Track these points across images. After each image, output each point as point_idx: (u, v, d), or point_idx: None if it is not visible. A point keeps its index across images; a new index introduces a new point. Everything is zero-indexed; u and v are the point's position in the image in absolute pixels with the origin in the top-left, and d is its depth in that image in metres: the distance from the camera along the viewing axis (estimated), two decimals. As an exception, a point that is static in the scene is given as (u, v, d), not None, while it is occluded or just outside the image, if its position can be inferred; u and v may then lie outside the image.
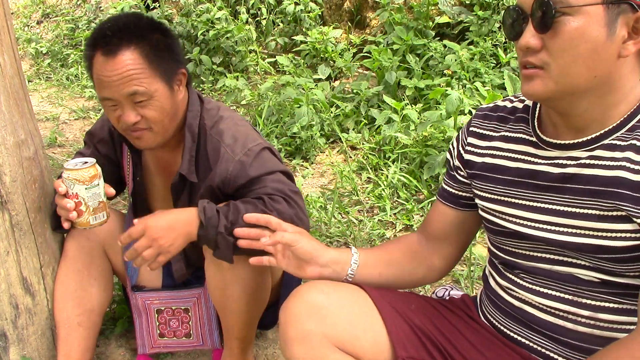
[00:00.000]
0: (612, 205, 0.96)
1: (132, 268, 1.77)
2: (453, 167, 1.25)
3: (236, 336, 1.63)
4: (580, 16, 0.89)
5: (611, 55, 0.92)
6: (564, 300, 1.05)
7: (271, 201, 1.45)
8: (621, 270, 0.98)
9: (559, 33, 0.91)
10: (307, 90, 3.83)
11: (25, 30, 7.11)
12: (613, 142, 0.97)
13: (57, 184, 1.42)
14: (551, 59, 0.93)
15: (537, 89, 0.96)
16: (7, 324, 1.57)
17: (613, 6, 0.89)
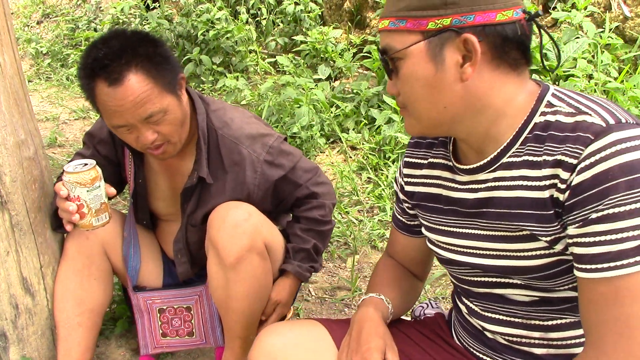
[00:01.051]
0: (516, 226, 0.96)
1: (133, 268, 1.77)
2: (400, 199, 1.26)
3: (238, 335, 1.63)
4: (407, 58, 0.93)
5: (451, 84, 0.92)
6: (514, 324, 1.06)
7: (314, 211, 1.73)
8: (552, 285, 0.98)
9: (400, 78, 0.96)
10: (307, 90, 3.83)
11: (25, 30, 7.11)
12: (510, 159, 0.97)
13: (58, 188, 1.41)
14: (405, 100, 0.98)
15: (409, 128, 1.02)
16: (7, 324, 1.57)
17: (434, 39, 0.90)
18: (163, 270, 1.85)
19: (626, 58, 3.85)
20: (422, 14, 0.90)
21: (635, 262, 0.82)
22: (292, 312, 2.10)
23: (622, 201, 0.82)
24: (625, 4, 4.10)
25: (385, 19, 0.95)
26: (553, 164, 0.90)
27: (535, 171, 0.93)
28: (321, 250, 1.76)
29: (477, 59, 0.90)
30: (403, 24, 0.92)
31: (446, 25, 0.89)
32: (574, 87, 3.32)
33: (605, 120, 0.87)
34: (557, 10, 4.29)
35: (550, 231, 0.92)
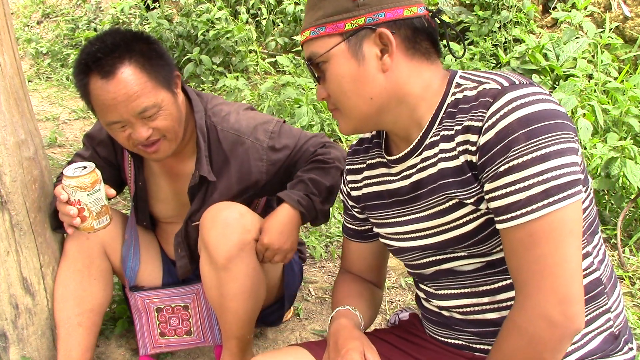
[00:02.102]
0: (444, 196, 1.04)
1: (131, 270, 1.77)
2: (349, 207, 1.32)
3: (235, 335, 1.63)
4: (331, 60, 1.02)
5: (374, 76, 1.02)
6: (464, 295, 1.12)
7: (324, 153, 1.62)
8: (489, 248, 1.04)
9: (326, 81, 1.05)
10: (307, 90, 3.83)
11: (25, 30, 7.10)
12: (432, 139, 1.06)
13: (58, 192, 1.40)
14: (335, 101, 1.07)
15: (343, 127, 1.09)
16: (7, 324, 1.57)
17: (353, 38, 1.01)
18: (163, 270, 1.85)
19: (626, 58, 3.85)
20: (337, 18, 1.00)
21: (543, 205, 0.89)
22: (292, 312, 2.10)
23: (524, 151, 0.90)
24: (625, 4, 4.10)
25: (306, 30, 1.04)
26: (462, 131, 0.99)
27: (450, 143, 1.02)
28: (324, 186, 1.58)
29: (393, 49, 1.00)
30: (323, 30, 1.02)
31: (361, 24, 1.00)
32: (574, 87, 3.32)
33: (500, 83, 0.98)
34: (557, 10, 4.29)
35: (472, 193, 1.00)
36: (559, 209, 0.89)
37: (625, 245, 2.49)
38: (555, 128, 0.90)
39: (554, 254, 0.89)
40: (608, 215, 2.68)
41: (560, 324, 0.89)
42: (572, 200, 0.89)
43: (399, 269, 2.41)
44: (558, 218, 0.89)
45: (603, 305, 1.06)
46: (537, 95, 0.93)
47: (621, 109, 3.08)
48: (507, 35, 4.20)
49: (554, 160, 0.89)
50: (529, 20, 4.28)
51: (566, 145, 0.90)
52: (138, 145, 1.48)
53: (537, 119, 0.90)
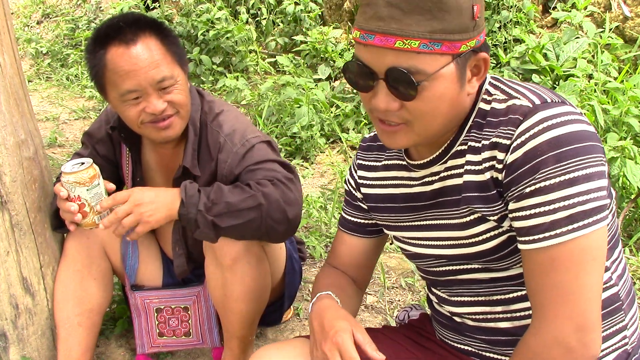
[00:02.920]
0: (467, 209, 1.02)
1: (131, 268, 1.77)
2: (357, 198, 1.28)
3: (236, 335, 1.63)
4: (436, 81, 0.92)
5: (463, 98, 0.98)
6: (478, 303, 1.10)
7: (258, 185, 1.45)
8: (508, 264, 1.03)
9: (420, 100, 0.93)
10: (307, 90, 3.83)
11: (25, 30, 7.10)
12: (458, 148, 1.03)
13: (57, 189, 1.41)
14: (412, 117, 0.96)
15: (402, 142, 1.01)
16: (7, 324, 1.57)
17: (461, 59, 0.93)
18: (163, 270, 1.85)
19: (626, 58, 3.85)
20: (458, 37, 0.90)
21: (567, 230, 0.88)
22: (292, 312, 2.10)
23: (552, 174, 0.88)
24: (625, 4, 4.10)
25: (413, 40, 0.89)
26: (490, 146, 0.96)
27: (477, 156, 0.99)
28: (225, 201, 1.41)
29: (484, 75, 0.97)
30: (438, 47, 0.90)
31: (472, 47, 0.93)
32: (574, 87, 3.32)
33: (532, 101, 0.94)
34: (557, 10, 4.29)
35: (496, 210, 0.98)
36: (582, 236, 0.87)
37: (625, 246, 2.49)
38: (585, 151, 0.88)
39: (573, 281, 0.88)
40: (608, 215, 2.68)
41: (576, 351, 0.88)
42: (597, 227, 0.88)
43: (399, 269, 2.41)
44: (581, 245, 0.87)
45: (620, 322, 1.04)
46: (568, 116, 0.90)
47: (621, 109, 3.08)
48: (507, 35, 4.20)
49: (582, 185, 0.87)
50: (529, 20, 4.28)
51: (594, 169, 0.88)
52: (148, 121, 1.47)
53: (567, 142, 0.88)
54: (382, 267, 2.34)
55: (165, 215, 1.43)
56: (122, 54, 1.41)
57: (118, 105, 1.48)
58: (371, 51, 0.93)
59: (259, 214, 1.42)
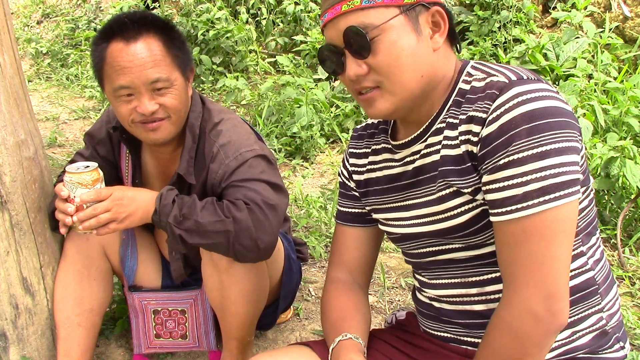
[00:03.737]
0: (443, 183, 1.04)
1: (130, 269, 1.77)
2: (350, 188, 1.30)
3: (235, 337, 1.63)
4: (389, 31, 0.97)
5: (428, 53, 1.01)
6: (454, 285, 1.12)
7: (232, 207, 1.43)
8: (483, 240, 1.04)
9: (378, 53, 0.98)
10: (307, 90, 3.83)
11: (25, 30, 7.10)
12: (438, 126, 1.06)
13: (59, 188, 1.41)
14: (382, 76, 1.00)
15: (382, 107, 1.03)
16: (7, 324, 1.57)
17: (410, 11, 0.98)
18: (162, 272, 1.85)
19: (626, 58, 3.85)
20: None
21: (539, 202, 0.90)
22: (292, 312, 2.10)
23: (525, 146, 0.90)
24: (625, 4, 4.10)
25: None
26: (466, 120, 0.99)
27: (453, 131, 1.02)
28: (195, 219, 1.42)
29: (445, 29, 1.01)
30: (380, 0, 0.97)
31: (418, 0, 0.99)
32: (574, 86, 3.32)
33: (508, 77, 0.97)
34: (557, 10, 4.29)
35: (470, 182, 1.00)
36: (554, 207, 0.89)
37: (625, 245, 2.49)
38: (558, 126, 0.90)
39: (544, 251, 0.90)
40: (608, 215, 2.68)
41: (544, 319, 0.90)
42: (568, 199, 0.90)
43: (399, 269, 2.41)
44: (552, 216, 0.90)
45: (596, 305, 1.07)
46: (544, 92, 0.93)
47: (621, 109, 3.08)
48: (507, 35, 4.20)
49: (554, 158, 0.89)
50: (528, 20, 4.29)
51: (567, 144, 0.91)
52: (138, 121, 1.47)
53: (540, 115, 0.90)
54: (382, 267, 2.34)
55: (140, 217, 1.45)
56: (121, 49, 1.41)
57: (112, 100, 1.49)
58: (329, 28, 1.02)
59: (225, 239, 1.42)
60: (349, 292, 1.26)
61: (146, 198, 1.46)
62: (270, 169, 1.55)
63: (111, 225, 1.42)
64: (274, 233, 1.47)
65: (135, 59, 1.41)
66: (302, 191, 3.09)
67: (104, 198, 1.40)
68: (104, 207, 1.40)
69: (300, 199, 3.01)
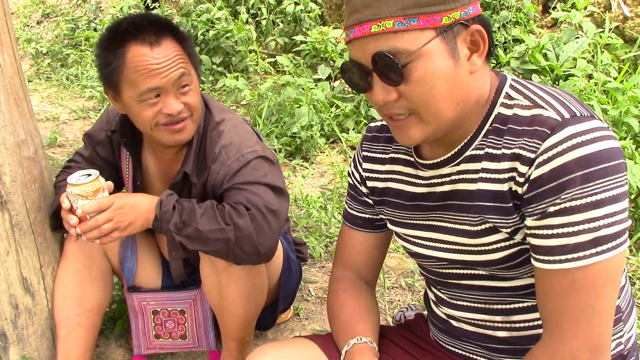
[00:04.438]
0: (479, 218, 0.98)
1: (129, 270, 1.77)
2: (362, 193, 1.22)
3: (234, 337, 1.63)
4: (423, 58, 0.87)
5: (464, 77, 0.91)
6: (478, 310, 1.08)
7: (233, 212, 1.43)
8: (515, 275, 1.00)
9: (411, 81, 0.89)
10: (307, 90, 3.83)
11: (25, 30, 7.10)
12: (473, 152, 0.98)
13: (62, 199, 1.42)
14: (414, 104, 0.91)
15: (415, 136, 0.95)
16: (7, 324, 1.57)
17: (448, 33, 0.88)
18: (162, 272, 1.85)
19: (626, 58, 3.86)
20: (434, 9, 0.86)
21: (591, 254, 0.85)
22: (292, 312, 2.10)
23: (579, 195, 0.84)
24: (625, 4, 4.10)
25: (386, 20, 0.86)
26: (511, 157, 0.92)
27: (495, 164, 0.95)
28: (194, 227, 1.43)
29: (485, 49, 0.91)
30: (415, 22, 0.86)
31: (457, 19, 0.88)
32: (574, 86, 3.32)
33: (561, 114, 0.89)
34: (557, 10, 4.29)
35: (510, 223, 0.94)
36: (605, 260, 0.85)
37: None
38: (613, 171, 0.85)
39: (593, 304, 0.87)
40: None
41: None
42: (619, 250, 0.86)
43: (399, 269, 2.41)
44: (603, 268, 0.86)
45: (617, 332, 1.04)
46: (597, 132, 0.86)
47: (620, 109, 3.08)
48: (507, 35, 4.20)
49: (608, 207, 0.84)
50: (528, 20, 4.29)
51: (620, 189, 0.86)
52: (163, 123, 1.47)
53: (595, 161, 0.84)
54: (382, 267, 2.34)
55: (141, 224, 1.46)
56: (146, 54, 1.41)
57: (133, 105, 1.46)
58: (355, 45, 0.92)
59: (226, 246, 1.43)
60: (357, 291, 1.24)
61: (147, 205, 1.46)
62: (273, 170, 1.56)
63: (114, 234, 1.43)
64: (275, 238, 1.48)
65: (163, 60, 1.42)
66: (302, 191, 3.09)
67: (105, 208, 1.40)
68: (105, 218, 1.40)
69: (300, 199, 3.01)
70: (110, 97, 1.53)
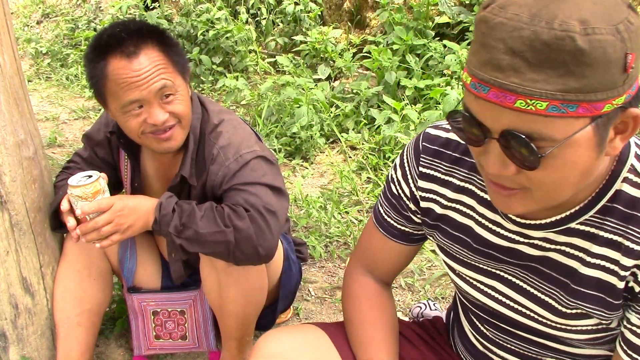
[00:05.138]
0: (574, 303, 0.88)
1: (128, 270, 1.77)
2: (408, 209, 1.07)
3: (234, 337, 1.63)
4: (568, 147, 0.71)
5: (600, 161, 0.77)
6: (525, 358, 1.03)
7: (232, 214, 1.43)
8: (581, 347, 0.96)
9: (543, 169, 0.74)
10: (307, 90, 3.83)
11: (25, 30, 7.10)
12: (580, 227, 0.85)
13: (62, 201, 1.43)
14: (532, 186, 0.77)
15: (517, 209, 0.82)
16: (7, 324, 1.57)
17: (602, 119, 0.71)
18: (162, 272, 1.85)
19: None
20: (602, 96, 0.69)
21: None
22: (292, 312, 2.10)
23: None
24: (625, 4, 4.09)
25: (539, 100, 0.68)
26: (637, 255, 0.79)
27: (615, 253, 0.82)
28: (194, 230, 1.43)
29: (633, 133, 0.76)
30: (573, 110, 0.68)
31: (619, 105, 0.71)
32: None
33: None
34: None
35: (611, 316, 0.85)
36: None
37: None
38: None
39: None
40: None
41: None
42: None
43: (399, 269, 2.41)
44: None
45: None
46: None
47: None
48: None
49: None
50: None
51: None
52: (150, 132, 1.46)
53: None
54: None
55: (141, 227, 1.47)
56: (124, 66, 1.40)
57: (119, 116, 1.47)
58: (484, 106, 0.73)
59: (226, 248, 1.44)
60: (378, 298, 1.17)
61: (147, 207, 1.46)
62: (272, 170, 1.55)
63: (113, 237, 1.43)
64: (275, 239, 1.48)
65: (141, 72, 1.40)
66: (302, 191, 3.09)
67: (104, 209, 1.40)
68: (105, 220, 1.40)
69: (300, 199, 3.01)
70: (101, 104, 1.53)
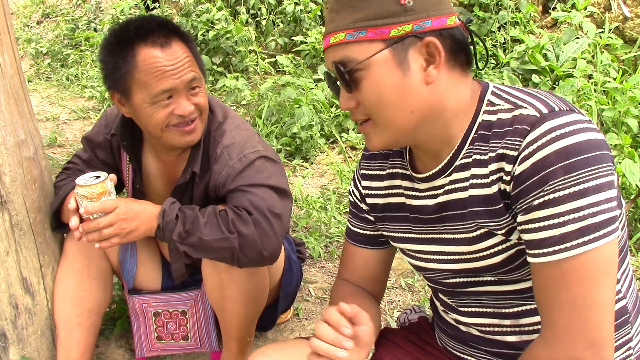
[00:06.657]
0: (473, 225, 0.99)
1: (129, 272, 1.77)
2: (363, 210, 1.23)
3: (234, 337, 1.63)
4: (371, 68, 0.93)
5: (417, 87, 0.94)
6: (486, 315, 1.08)
7: (236, 220, 1.43)
8: (520, 276, 1.00)
9: (361, 89, 0.95)
10: (307, 91, 3.84)
11: (25, 30, 7.10)
12: (462, 161, 1.00)
13: (70, 199, 1.43)
14: (368, 111, 0.98)
15: (375, 141, 1.01)
16: (7, 324, 1.57)
17: (398, 45, 0.92)
18: (163, 273, 1.85)
19: (626, 58, 3.86)
20: (382, 22, 0.92)
21: (577, 244, 0.85)
22: (292, 312, 2.10)
23: (561, 186, 0.85)
24: (625, 4, 4.10)
25: (338, 32, 0.95)
26: (497, 158, 0.94)
27: (482, 169, 0.97)
28: (198, 236, 1.43)
29: (440, 61, 0.94)
30: (363, 34, 0.93)
31: (408, 32, 0.92)
32: (572, 87, 3.32)
33: (539, 110, 0.91)
34: (557, 11, 4.29)
35: (503, 224, 0.95)
36: (593, 249, 0.85)
37: (625, 246, 2.49)
38: (595, 161, 0.85)
39: (585, 295, 0.86)
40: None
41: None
42: (608, 239, 0.85)
43: (399, 269, 2.41)
44: (592, 258, 0.85)
45: (626, 335, 1.02)
46: (577, 125, 0.87)
47: (617, 109, 3.08)
48: (507, 36, 4.20)
49: (591, 196, 0.85)
50: (528, 21, 4.29)
51: (605, 179, 0.86)
52: (174, 125, 1.47)
53: (576, 152, 0.85)
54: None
55: (143, 232, 1.45)
56: (158, 56, 1.41)
57: (145, 107, 1.45)
58: (325, 55, 1.00)
59: (230, 254, 1.44)
60: (358, 291, 1.24)
61: (150, 213, 1.45)
62: (276, 171, 1.56)
63: (114, 239, 1.42)
64: (279, 241, 1.48)
65: (176, 62, 1.42)
66: (302, 191, 3.10)
67: (108, 210, 1.39)
68: (107, 222, 1.39)
69: (300, 199, 3.01)
70: (117, 101, 1.51)
